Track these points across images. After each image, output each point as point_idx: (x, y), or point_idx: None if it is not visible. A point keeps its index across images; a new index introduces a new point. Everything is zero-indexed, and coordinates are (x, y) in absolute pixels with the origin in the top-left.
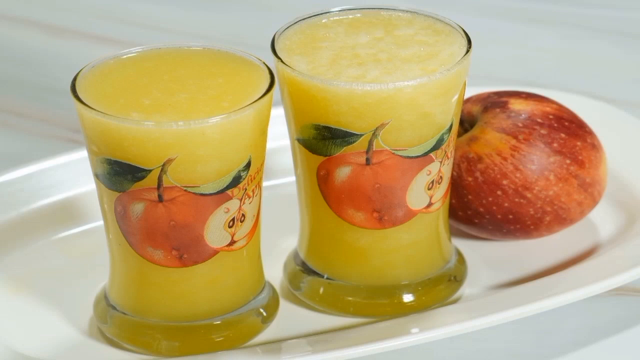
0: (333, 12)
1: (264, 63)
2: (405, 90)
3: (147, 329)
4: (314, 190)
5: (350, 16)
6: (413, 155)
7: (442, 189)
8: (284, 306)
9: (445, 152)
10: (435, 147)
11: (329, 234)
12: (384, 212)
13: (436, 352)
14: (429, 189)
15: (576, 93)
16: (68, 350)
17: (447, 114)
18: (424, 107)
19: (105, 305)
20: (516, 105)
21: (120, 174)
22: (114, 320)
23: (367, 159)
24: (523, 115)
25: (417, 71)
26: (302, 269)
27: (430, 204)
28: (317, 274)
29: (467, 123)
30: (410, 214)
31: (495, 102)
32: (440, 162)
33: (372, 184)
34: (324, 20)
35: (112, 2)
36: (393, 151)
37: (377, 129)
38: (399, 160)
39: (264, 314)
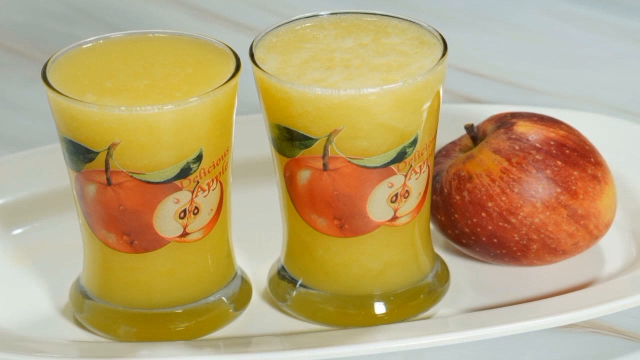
0: (337, 13)
1: (235, 56)
2: (358, 98)
3: (111, 314)
4: (284, 192)
5: (351, 20)
6: (371, 165)
7: (410, 204)
8: (260, 305)
9: (411, 166)
10: (397, 160)
11: (299, 238)
12: (344, 220)
13: None
14: (392, 202)
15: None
16: (39, 326)
17: (410, 126)
18: (380, 117)
19: (77, 290)
20: (521, 127)
21: (74, 154)
22: (83, 305)
23: (324, 165)
24: (523, 138)
25: (377, 80)
26: (281, 273)
27: (395, 217)
28: (292, 279)
29: (479, 141)
30: (372, 225)
31: (504, 122)
32: (405, 176)
33: (331, 190)
34: (322, 22)
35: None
36: (349, 159)
37: (330, 134)
38: (356, 169)
39: (231, 306)
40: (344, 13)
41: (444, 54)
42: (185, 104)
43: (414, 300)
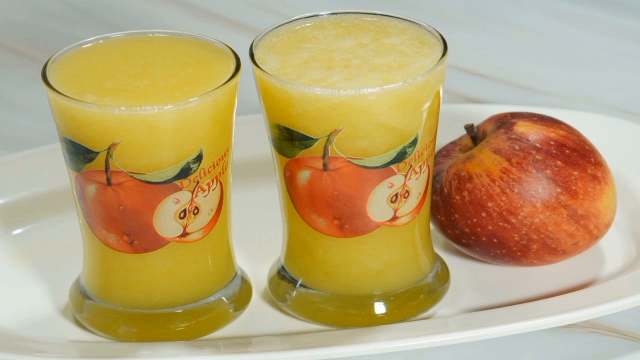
0: (337, 13)
1: (235, 56)
2: (358, 98)
3: (111, 314)
4: (284, 192)
5: (351, 20)
6: (371, 165)
7: (410, 204)
8: (260, 305)
9: (411, 166)
10: (397, 160)
11: (299, 238)
12: (345, 220)
13: None
14: (392, 202)
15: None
16: (39, 326)
17: (410, 126)
18: (379, 117)
19: (77, 290)
20: (521, 127)
21: (74, 154)
22: (83, 305)
23: (324, 165)
24: (523, 138)
25: (377, 80)
26: (281, 273)
27: (395, 217)
28: (292, 279)
29: (479, 141)
30: (372, 225)
31: (504, 122)
32: (405, 176)
33: (331, 190)
34: (322, 22)
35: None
36: (349, 159)
37: (330, 134)
38: (356, 169)
39: (231, 306)
40: (344, 13)
41: (444, 54)
42: (185, 104)
43: (414, 300)
